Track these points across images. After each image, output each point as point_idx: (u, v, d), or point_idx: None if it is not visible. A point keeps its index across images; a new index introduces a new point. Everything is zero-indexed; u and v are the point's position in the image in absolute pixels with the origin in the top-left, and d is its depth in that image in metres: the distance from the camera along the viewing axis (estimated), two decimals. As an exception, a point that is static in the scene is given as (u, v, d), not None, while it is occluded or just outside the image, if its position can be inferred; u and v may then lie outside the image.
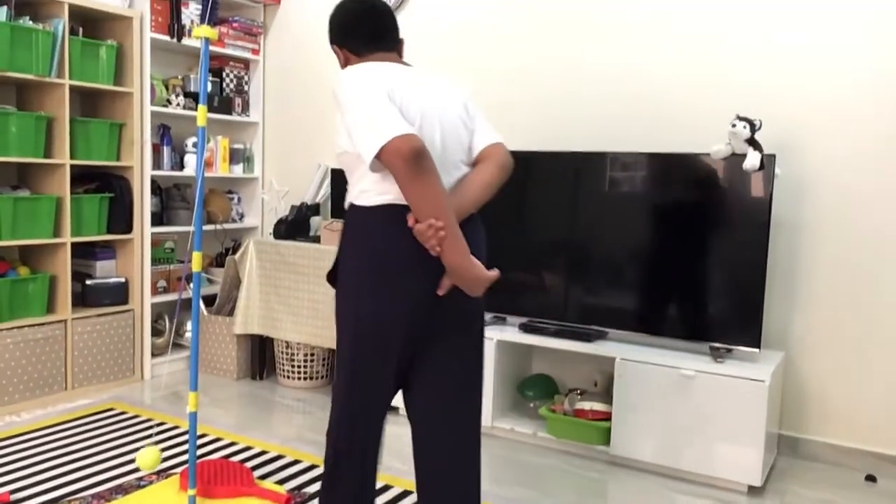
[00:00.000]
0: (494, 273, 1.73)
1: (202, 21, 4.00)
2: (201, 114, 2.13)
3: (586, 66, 3.43)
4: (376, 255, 1.72)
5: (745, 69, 3.09)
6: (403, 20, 3.88)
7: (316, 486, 2.61)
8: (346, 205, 1.83)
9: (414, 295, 1.72)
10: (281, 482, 2.65)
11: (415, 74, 1.84)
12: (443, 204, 1.62)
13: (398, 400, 3.38)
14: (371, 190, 1.73)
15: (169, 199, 4.09)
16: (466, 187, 1.80)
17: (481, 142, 1.89)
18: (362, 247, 1.74)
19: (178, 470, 2.71)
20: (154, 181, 3.95)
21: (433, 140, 1.76)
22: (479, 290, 1.72)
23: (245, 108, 4.42)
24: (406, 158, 1.58)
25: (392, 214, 1.70)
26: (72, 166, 3.52)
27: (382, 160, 1.61)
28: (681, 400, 2.80)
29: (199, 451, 2.91)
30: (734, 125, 2.77)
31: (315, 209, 4.02)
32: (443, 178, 1.72)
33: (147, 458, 2.21)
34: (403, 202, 1.68)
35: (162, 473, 2.68)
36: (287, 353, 3.88)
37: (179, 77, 4.10)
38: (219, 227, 4.26)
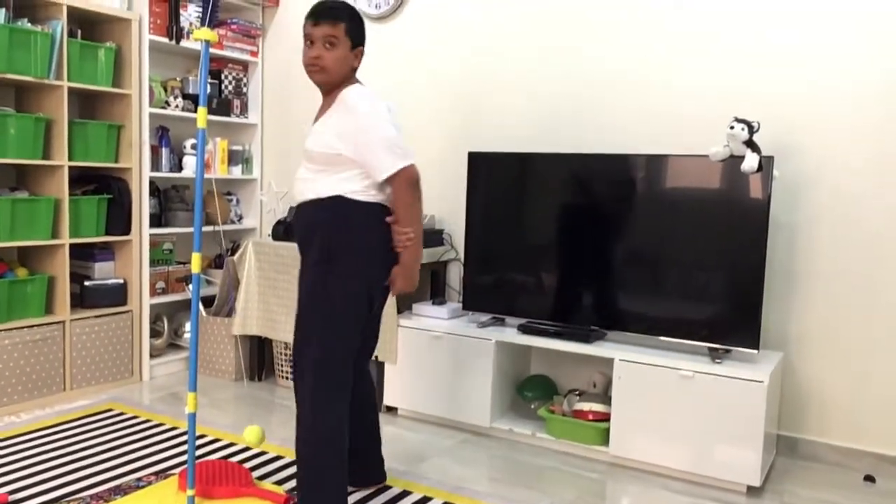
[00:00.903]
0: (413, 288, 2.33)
1: (202, 24, 3.99)
2: (201, 116, 2.13)
3: (582, 68, 3.43)
4: (377, 238, 2.24)
5: (743, 71, 3.10)
6: (400, 23, 3.89)
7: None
8: (329, 195, 2.21)
9: (386, 271, 2.27)
10: (279, 483, 2.65)
11: None
12: (420, 221, 2.25)
13: (395, 400, 3.39)
14: (365, 192, 2.21)
15: (167, 200, 4.09)
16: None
17: None
18: (367, 230, 2.22)
19: (177, 470, 2.71)
20: (152, 182, 3.95)
21: None
22: (406, 288, 2.29)
23: (244, 109, 4.43)
24: (413, 184, 2.21)
25: (383, 211, 2.24)
26: (70, 168, 3.52)
27: (393, 178, 2.17)
28: (679, 401, 2.80)
29: (198, 452, 2.91)
30: (732, 127, 2.77)
31: (314, 210, 4.02)
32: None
33: (253, 435, 2.47)
34: (387, 203, 2.25)
35: (161, 474, 2.68)
36: (286, 355, 3.88)
37: (178, 79, 4.10)
38: (217, 228, 4.26)
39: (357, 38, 2.28)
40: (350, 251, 2.21)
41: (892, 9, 2.83)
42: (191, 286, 2.19)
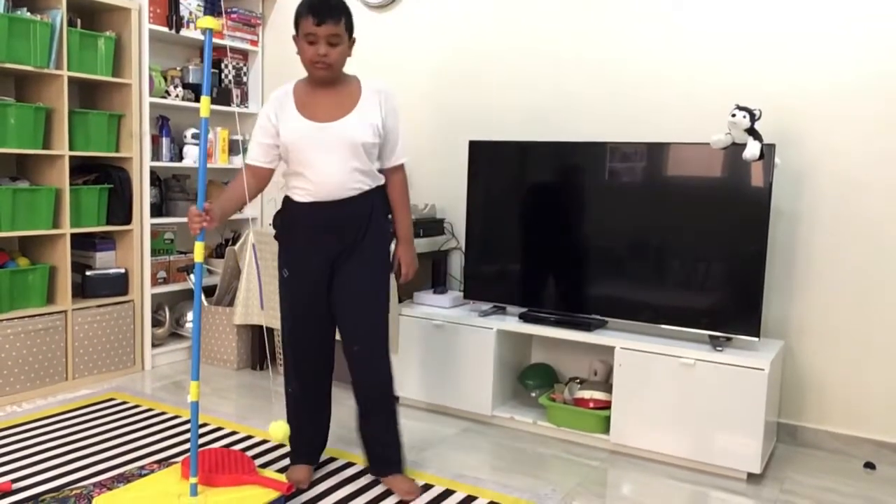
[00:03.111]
0: None
1: (205, 12, 3.99)
2: (204, 105, 2.12)
3: (584, 56, 3.43)
4: None
5: (745, 58, 3.09)
6: (399, 13, 3.88)
7: (317, 474, 2.61)
8: (377, 184, 2.41)
9: None
10: (282, 471, 2.66)
11: None
12: None
13: (397, 389, 3.39)
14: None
15: (168, 190, 4.09)
16: None
17: None
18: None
19: (180, 459, 2.72)
20: (153, 172, 3.94)
21: None
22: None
23: (244, 99, 4.42)
24: None
25: None
26: (71, 157, 3.52)
27: (400, 165, 2.47)
28: (680, 388, 2.81)
29: (201, 441, 2.92)
30: (734, 115, 2.77)
31: (314, 200, 4.01)
32: None
33: (278, 430, 2.31)
34: None
35: (163, 462, 2.69)
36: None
37: (178, 68, 4.09)
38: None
39: (352, 29, 2.35)
40: (389, 236, 2.50)
41: (895, -4, 2.82)
42: (193, 276, 2.18)
